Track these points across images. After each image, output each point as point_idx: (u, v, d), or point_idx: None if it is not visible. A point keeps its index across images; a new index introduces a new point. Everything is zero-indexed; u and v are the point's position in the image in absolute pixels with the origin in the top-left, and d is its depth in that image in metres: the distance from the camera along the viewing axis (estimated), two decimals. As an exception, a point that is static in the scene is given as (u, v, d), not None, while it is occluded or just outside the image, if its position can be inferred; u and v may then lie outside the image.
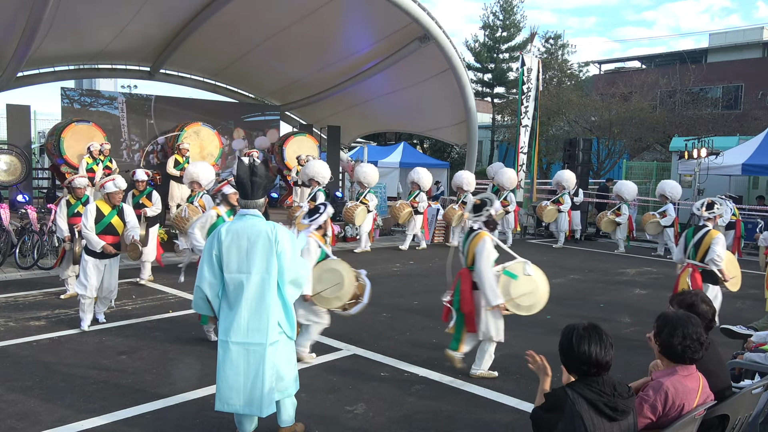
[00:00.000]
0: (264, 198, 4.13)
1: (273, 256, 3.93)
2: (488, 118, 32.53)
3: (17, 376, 5.25)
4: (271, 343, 3.92)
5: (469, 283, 5.49)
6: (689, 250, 6.82)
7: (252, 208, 4.05)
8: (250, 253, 3.91)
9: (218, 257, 3.96)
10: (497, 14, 31.78)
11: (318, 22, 14.99)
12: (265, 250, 3.92)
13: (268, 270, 3.93)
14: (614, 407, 2.67)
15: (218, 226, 4.15)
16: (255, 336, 3.90)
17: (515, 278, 5.40)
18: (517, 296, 5.37)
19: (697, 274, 6.66)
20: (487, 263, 5.36)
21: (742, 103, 25.79)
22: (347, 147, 23.74)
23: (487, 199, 5.73)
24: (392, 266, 11.35)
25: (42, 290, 8.38)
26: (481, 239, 5.46)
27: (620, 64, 34.74)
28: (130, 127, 16.47)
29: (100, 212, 6.83)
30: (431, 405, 4.92)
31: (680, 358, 3.00)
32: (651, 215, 13.66)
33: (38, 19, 12.02)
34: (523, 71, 17.00)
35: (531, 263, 5.51)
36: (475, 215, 5.67)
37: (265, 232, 3.94)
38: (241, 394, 3.91)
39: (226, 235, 3.95)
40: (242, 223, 4.00)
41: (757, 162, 14.83)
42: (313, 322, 5.75)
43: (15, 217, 10.66)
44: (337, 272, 5.62)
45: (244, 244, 3.92)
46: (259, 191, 4.05)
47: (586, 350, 2.71)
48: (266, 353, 3.90)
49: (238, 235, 3.94)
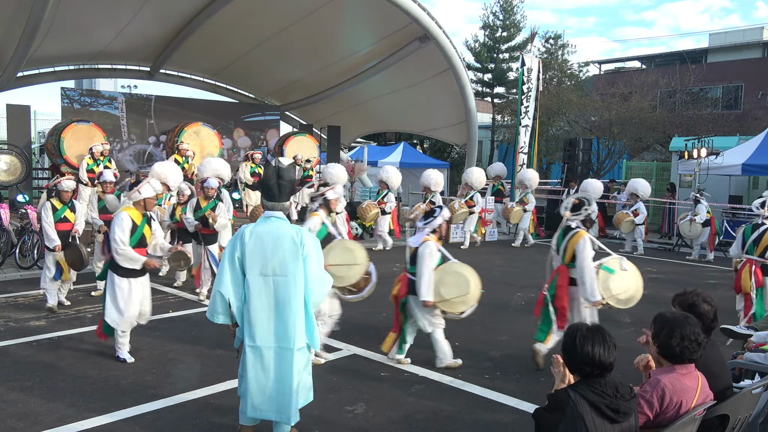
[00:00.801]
0: (289, 201, 4.10)
1: (299, 259, 3.86)
2: (488, 118, 32.52)
3: (17, 376, 5.25)
4: (298, 348, 3.87)
5: (566, 280, 5.70)
6: (748, 246, 7.29)
7: (277, 210, 4.01)
8: (274, 256, 3.84)
9: (240, 260, 3.88)
10: (497, 14, 31.76)
11: (318, 22, 14.99)
12: (291, 253, 3.85)
13: (294, 273, 3.86)
14: (616, 409, 2.66)
15: (241, 228, 4.04)
16: (283, 340, 3.84)
17: (612, 273, 5.70)
18: (616, 291, 5.65)
19: (758, 268, 7.15)
20: (589, 260, 5.57)
21: (742, 103, 25.78)
22: (347, 147, 23.73)
23: (585, 198, 5.92)
24: (392, 266, 11.35)
25: (42, 290, 8.36)
26: (581, 238, 5.67)
27: (620, 64, 34.73)
28: (130, 127, 16.47)
29: (134, 223, 5.70)
30: (431, 405, 4.92)
31: (679, 359, 3.00)
32: (625, 214, 14.01)
33: (38, 19, 12.02)
34: (523, 71, 17.00)
35: (626, 259, 5.80)
36: (573, 214, 5.85)
37: (290, 235, 3.88)
38: (270, 400, 3.86)
39: (250, 237, 3.88)
40: (267, 225, 3.94)
41: (757, 162, 14.83)
42: (435, 326, 5.75)
43: (15, 217, 10.66)
44: (462, 276, 5.63)
45: (269, 246, 3.85)
46: (285, 194, 4.02)
47: (590, 351, 2.70)
48: (294, 358, 3.84)
49: (262, 238, 3.87)
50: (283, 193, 4.01)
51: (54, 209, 7.36)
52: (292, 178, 4.11)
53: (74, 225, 7.46)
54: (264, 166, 4.20)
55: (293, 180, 4.13)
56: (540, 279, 10.29)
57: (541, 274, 11.27)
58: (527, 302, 8.50)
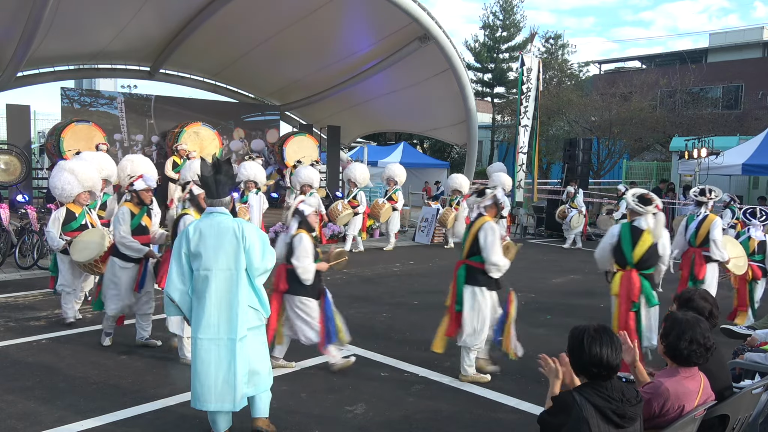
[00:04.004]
0: (229, 196, 4.19)
1: (241, 252, 4.01)
2: (488, 118, 32.54)
3: (17, 376, 5.25)
4: (240, 338, 3.99)
5: None
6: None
7: (218, 206, 4.12)
8: (217, 250, 3.99)
9: (187, 255, 4.04)
10: (497, 14, 31.80)
11: (318, 22, 14.98)
12: (233, 247, 4.00)
13: (237, 266, 4.01)
14: (622, 414, 2.64)
15: (187, 225, 4.21)
16: (225, 331, 3.97)
17: None
18: None
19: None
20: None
21: (742, 103, 25.79)
22: (347, 147, 23.73)
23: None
24: (392, 266, 11.35)
25: (42, 290, 8.35)
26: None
27: (620, 64, 34.75)
28: (130, 127, 16.46)
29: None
30: (431, 405, 4.91)
31: (685, 361, 2.99)
32: None
33: (38, 19, 12.01)
34: (523, 71, 17.00)
35: None
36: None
37: (232, 229, 4.02)
38: (212, 390, 3.96)
39: (194, 233, 4.04)
40: (209, 220, 4.08)
41: (757, 162, 14.84)
42: None
43: (15, 217, 10.66)
44: None
45: (211, 241, 4.00)
46: (224, 189, 4.13)
47: (598, 352, 2.68)
48: (236, 348, 3.96)
49: (205, 233, 4.02)
50: (221, 188, 4.11)
51: (131, 215, 6.11)
52: (231, 173, 4.19)
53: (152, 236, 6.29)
54: (201, 164, 4.23)
55: (231, 175, 4.21)
56: (558, 276, 10.28)
57: (558, 273, 11.24)
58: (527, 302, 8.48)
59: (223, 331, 3.97)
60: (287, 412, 4.61)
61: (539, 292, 9.34)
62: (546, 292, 9.44)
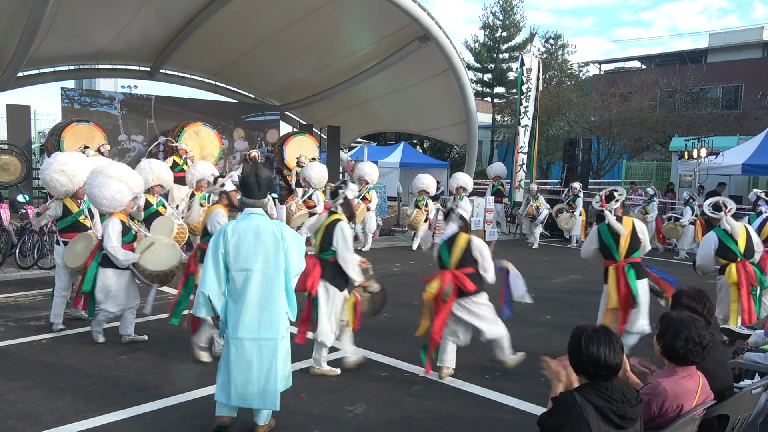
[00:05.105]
0: (267, 197, 4.28)
1: (280, 253, 4.08)
2: (488, 118, 32.55)
3: (17, 376, 5.25)
4: (282, 337, 4.09)
5: None
6: None
7: (257, 207, 4.19)
8: (257, 251, 4.04)
9: (224, 255, 4.08)
10: (497, 14, 31.81)
11: (318, 22, 14.98)
12: (273, 248, 4.07)
13: (277, 267, 4.07)
14: (623, 415, 2.64)
15: (224, 226, 4.25)
16: (267, 331, 4.04)
17: None
18: None
19: None
20: None
21: (742, 103, 25.80)
22: (347, 147, 23.74)
23: None
24: (392, 266, 11.35)
25: (42, 290, 8.35)
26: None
27: (620, 64, 34.76)
28: (130, 127, 16.45)
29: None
30: (431, 405, 4.92)
31: (682, 361, 2.99)
32: None
33: (38, 19, 12.01)
34: (523, 71, 17.00)
35: None
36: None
37: (271, 230, 4.10)
38: (255, 389, 4.04)
39: (233, 234, 4.08)
40: (247, 222, 4.13)
41: (757, 162, 14.84)
42: None
43: (15, 217, 10.66)
44: None
45: (251, 241, 4.05)
46: (263, 191, 4.21)
47: (595, 352, 2.69)
48: (278, 348, 4.06)
49: (244, 233, 4.07)
50: (262, 190, 4.20)
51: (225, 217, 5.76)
52: (269, 175, 4.28)
53: None
54: (242, 165, 4.33)
55: (270, 177, 4.29)
56: (558, 276, 10.23)
57: (558, 273, 11.18)
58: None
59: (264, 331, 4.04)
60: (287, 412, 4.60)
61: (539, 292, 9.32)
62: (546, 292, 9.44)
